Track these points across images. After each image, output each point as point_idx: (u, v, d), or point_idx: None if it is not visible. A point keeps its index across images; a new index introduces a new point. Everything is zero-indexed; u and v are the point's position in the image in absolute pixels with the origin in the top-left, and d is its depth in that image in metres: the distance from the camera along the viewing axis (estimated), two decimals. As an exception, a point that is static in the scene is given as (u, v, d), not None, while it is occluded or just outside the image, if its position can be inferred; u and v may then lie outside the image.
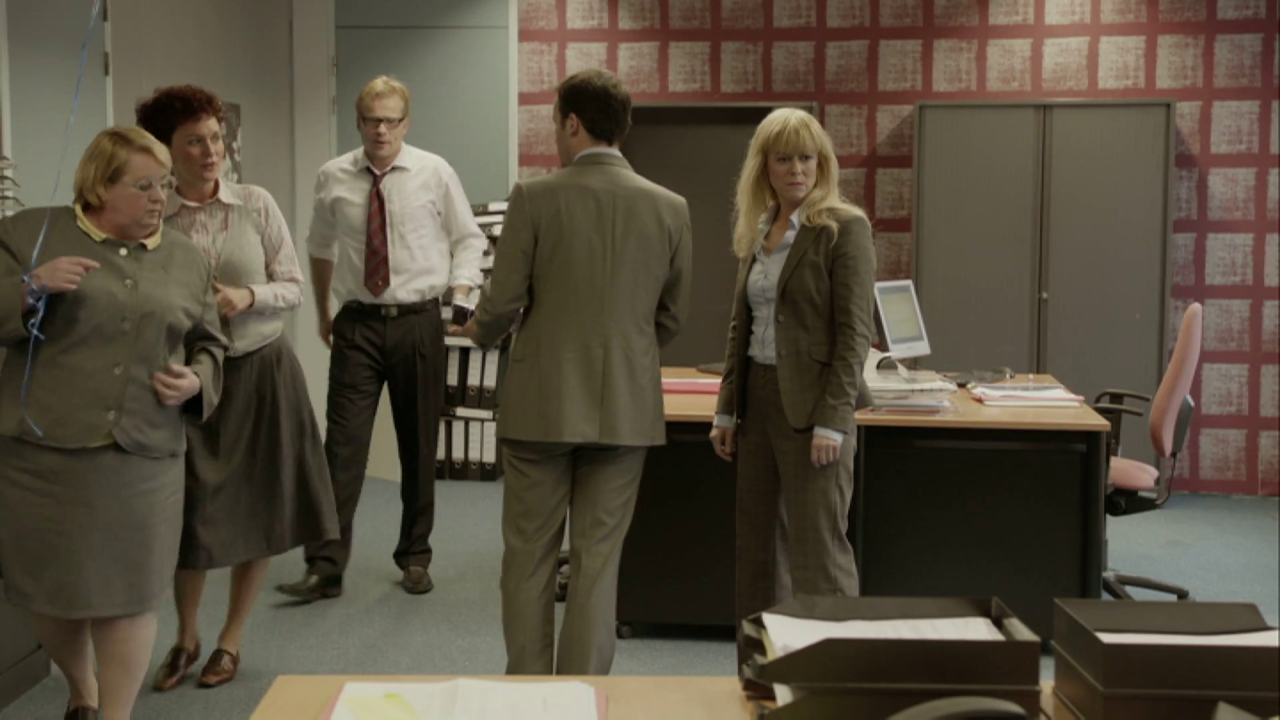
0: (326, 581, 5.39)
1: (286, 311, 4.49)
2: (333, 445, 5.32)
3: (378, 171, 5.41)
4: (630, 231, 3.84)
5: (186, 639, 4.57)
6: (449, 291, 5.51)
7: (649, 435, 3.93)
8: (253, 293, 4.29)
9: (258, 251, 4.38)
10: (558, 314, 3.84)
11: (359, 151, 5.50)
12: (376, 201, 5.38)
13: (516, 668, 3.93)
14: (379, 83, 5.42)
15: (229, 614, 4.59)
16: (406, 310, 5.41)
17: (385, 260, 5.36)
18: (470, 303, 5.33)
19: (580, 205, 3.83)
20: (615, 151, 3.94)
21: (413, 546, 5.66)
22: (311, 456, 4.47)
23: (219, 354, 3.85)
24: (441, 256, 5.53)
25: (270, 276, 4.42)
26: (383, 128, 5.35)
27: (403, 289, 5.38)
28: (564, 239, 3.82)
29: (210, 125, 4.28)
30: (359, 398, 5.41)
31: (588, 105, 3.88)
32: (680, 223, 3.93)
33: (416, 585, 5.56)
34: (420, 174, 5.45)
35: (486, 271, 7.62)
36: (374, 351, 5.41)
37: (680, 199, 3.98)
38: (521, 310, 3.93)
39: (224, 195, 4.35)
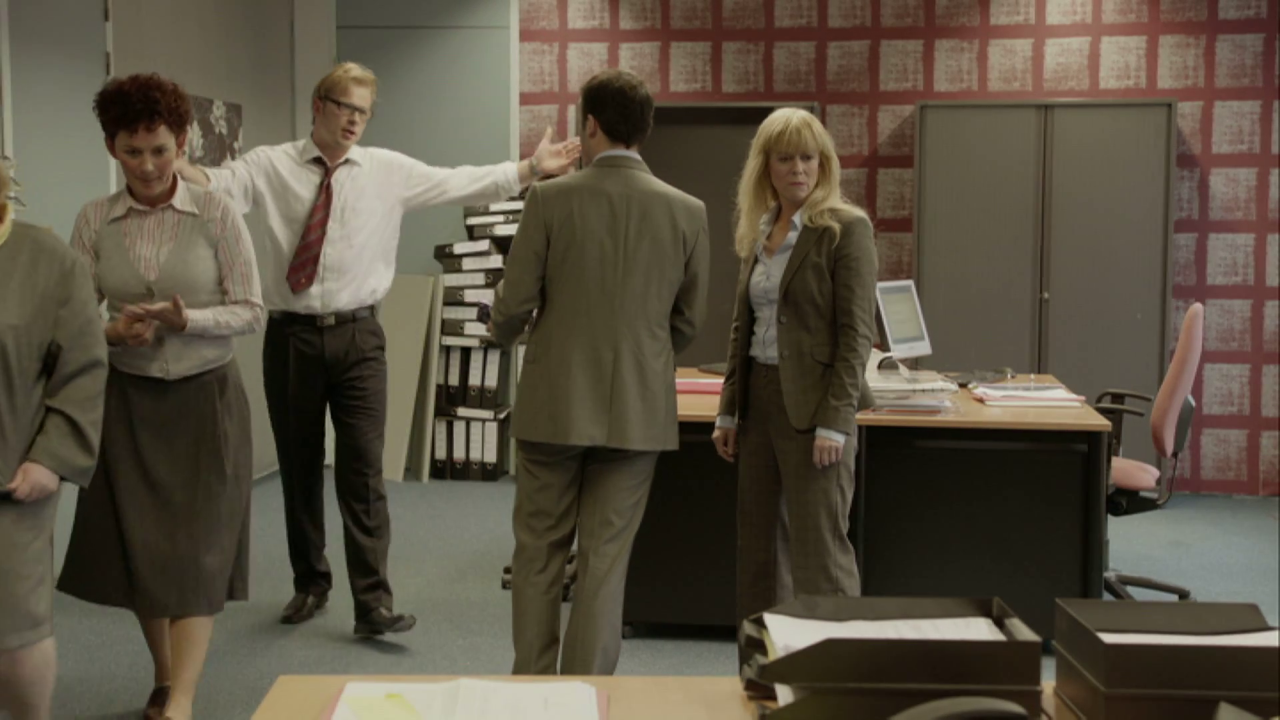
0: (322, 599, 5.23)
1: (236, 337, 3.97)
2: (307, 467, 5.00)
3: (330, 163, 4.87)
4: (644, 235, 3.83)
5: (166, 675, 4.12)
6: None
7: (660, 440, 3.91)
8: (187, 317, 3.76)
9: (207, 267, 3.85)
10: (569, 316, 3.84)
11: (304, 142, 4.95)
12: (325, 194, 4.83)
13: (522, 664, 3.93)
14: (356, 69, 4.88)
15: (171, 678, 3.99)
16: (344, 319, 4.85)
17: (316, 257, 4.79)
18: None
19: (594, 208, 3.82)
20: (633, 154, 3.91)
21: (379, 583, 4.97)
22: (247, 505, 4.00)
23: (75, 410, 3.30)
24: (387, 265, 4.99)
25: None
26: (356, 116, 4.83)
27: (344, 293, 4.84)
28: (576, 242, 3.81)
29: (151, 139, 3.71)
30: (310, 421, 4.97)
31: (605, 107, 3.86)
32: (696, 226, 3.91)
33: (398, 623, 4.92)
34: (369, 166, 4.94)
35: (495, 273, 7.63)
36: (315, 368, 4.87)
37: (697, 202, 3.95)
38: (536, 311, 3.93)
39: (179, 200, 3.84)
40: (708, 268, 3.98)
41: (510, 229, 7.51)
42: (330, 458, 5.14)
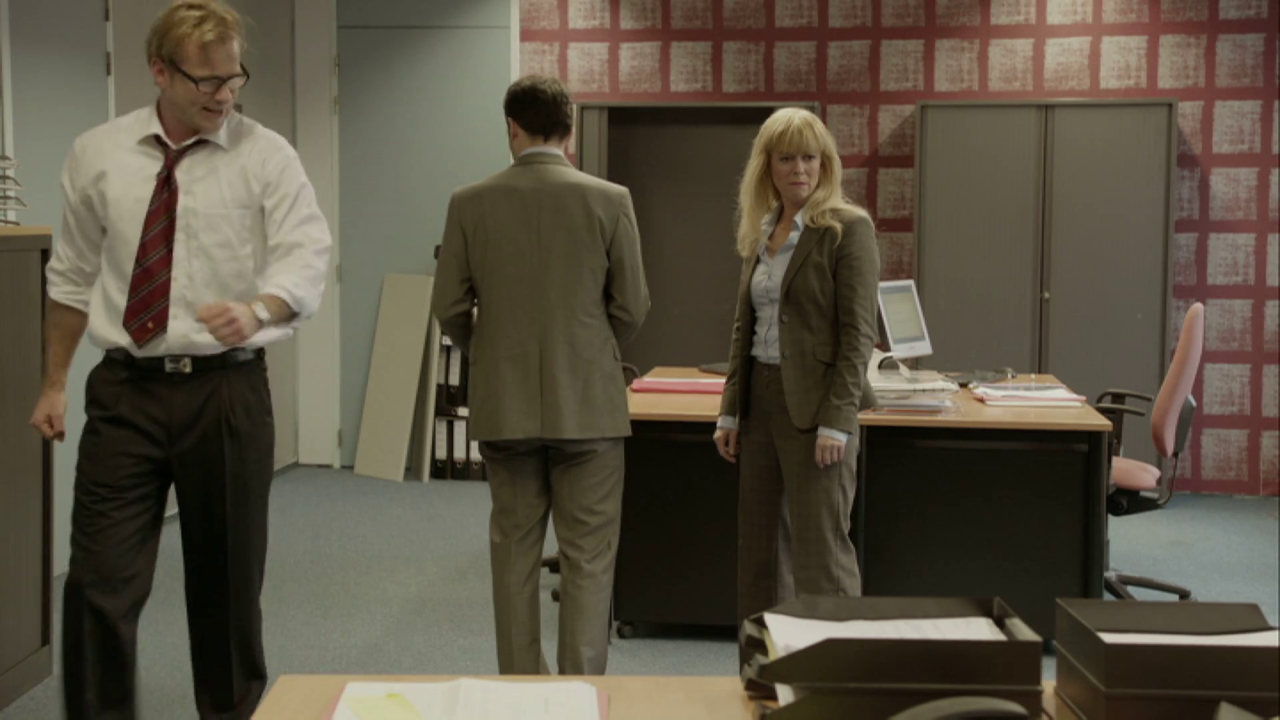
0: None
1: None
2: (79, 580, 3.28)
3: (175, 145, 3.31)
4: (558, 227, 3.85)
5: None
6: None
7: (600, 428, 3.88)
8: None
9: None
10: (496, 315, 3.89)
11: (145, 113, 3.36)
12: (165, 191, 3.28)
13: (504, 664, 3.97)
14: (205, 20, 3.20)
15: None
16: (206, 365, 3.33)
17: (163, 288, 3.26)
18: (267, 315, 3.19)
19: (505, 206, 3.87)
20: (552, 149, 3.94)
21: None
22: None
23: None
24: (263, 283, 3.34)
25: None
26: (227, 91, 3.25)
27: (202, 332, 3.24)
28: (492, 241, 3.86)
29: None
30: (120, 506, 3.30)
31: (520, 108, 3.91)
32: (615, 212, 3.89)
33: None
34: (248, 155, 3.36)
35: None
36: (154, 430, 3.32)
37: (617, 189, 3.95)
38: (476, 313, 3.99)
39: None
40: (636, 254, 3.95)
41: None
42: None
